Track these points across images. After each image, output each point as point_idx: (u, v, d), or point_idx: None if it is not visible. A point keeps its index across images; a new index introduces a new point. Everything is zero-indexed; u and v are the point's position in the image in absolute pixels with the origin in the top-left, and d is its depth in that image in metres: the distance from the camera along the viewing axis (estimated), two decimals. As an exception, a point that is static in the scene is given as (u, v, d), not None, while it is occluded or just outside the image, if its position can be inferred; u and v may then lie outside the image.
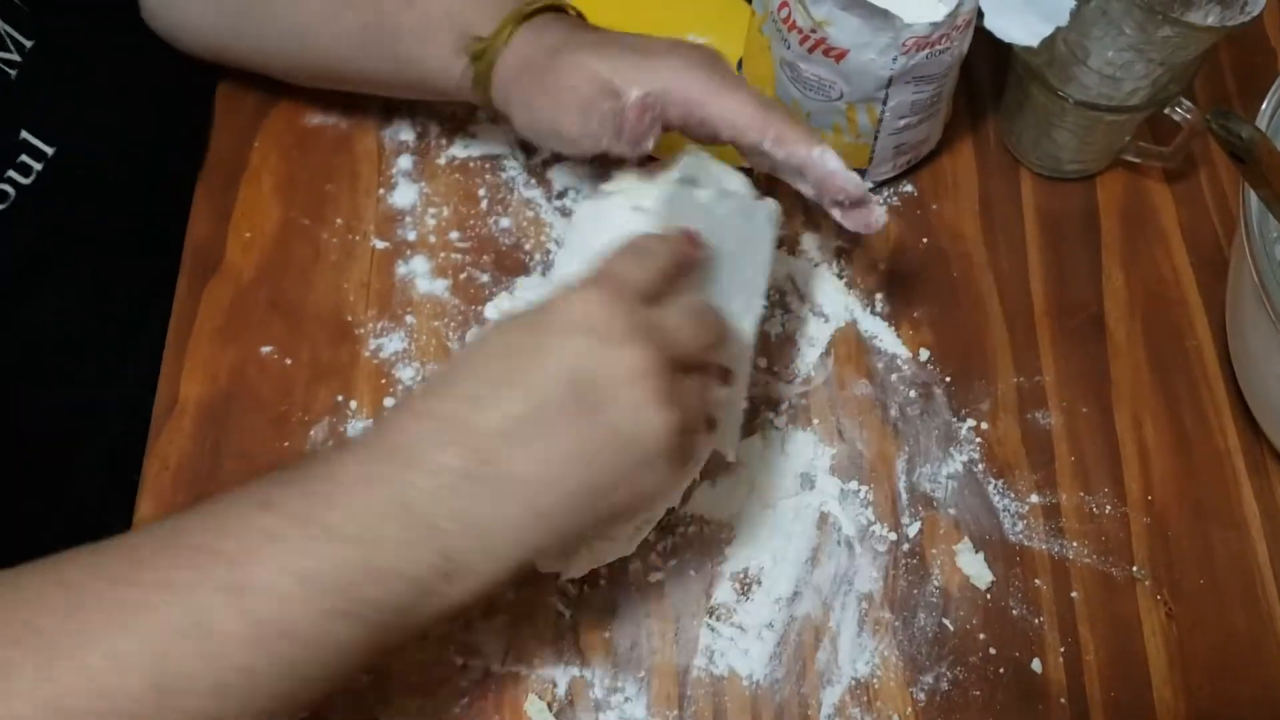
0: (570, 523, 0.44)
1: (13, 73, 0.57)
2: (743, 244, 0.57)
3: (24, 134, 0.58)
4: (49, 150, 0.58)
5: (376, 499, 0.41)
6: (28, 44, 0.57)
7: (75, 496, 0.67)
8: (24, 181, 0.58)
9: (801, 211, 0.72)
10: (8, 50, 0.56)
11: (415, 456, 0.42)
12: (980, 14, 0.61)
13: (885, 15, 0.59)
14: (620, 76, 0.55)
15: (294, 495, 0.42)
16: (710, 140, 0.57)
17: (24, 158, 0.58)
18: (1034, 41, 0.59)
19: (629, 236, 0.49)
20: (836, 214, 0.58)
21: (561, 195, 0.72)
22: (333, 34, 0.64)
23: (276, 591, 0.40)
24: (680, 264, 0.49)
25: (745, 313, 0.56)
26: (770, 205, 0.59)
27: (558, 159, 0.72)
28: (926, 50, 0.61)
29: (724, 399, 0.53)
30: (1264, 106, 0.60)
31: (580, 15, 0.62)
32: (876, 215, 0.57)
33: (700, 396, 0.48)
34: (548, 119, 0.57)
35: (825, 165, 0.55)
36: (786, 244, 0.71)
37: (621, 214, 0.54)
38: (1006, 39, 0.60)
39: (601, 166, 0.66)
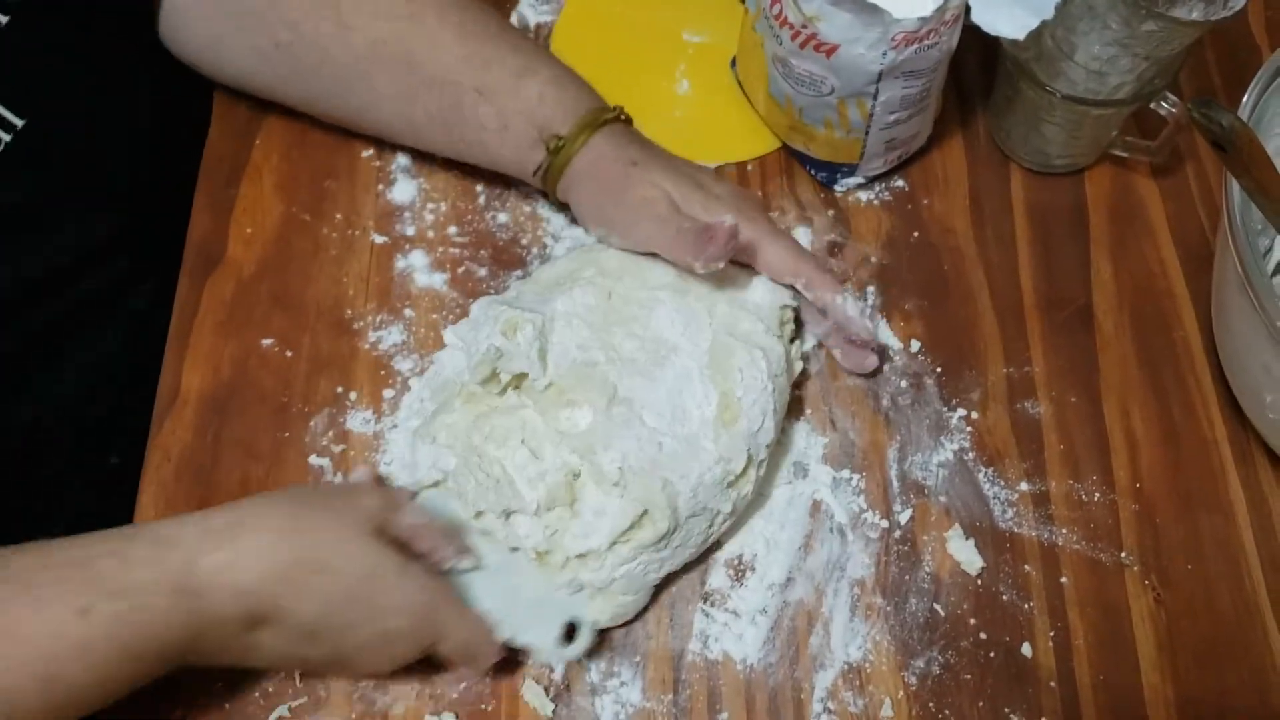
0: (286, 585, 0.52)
1: None
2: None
3: None
4: (19, 122, 0.59)
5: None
6: (3, 19, 0.58)
7: (75, 487, 0.68)
8: None
9: (795, 206, 0.73)
10: None
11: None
12: (968, 9, 0.62)
13: (875, 10, 0.60)
14: (688, 204, 0.63)
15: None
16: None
17: None
18: (1020, 34, 0.60)
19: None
20: (838, 352, 0.67)
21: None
22: (401, 115, 0.67)
23: None
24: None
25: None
26: None
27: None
28: (915, 45, 0.62)
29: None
30: (1245, 99, 0.61)
31: (630, 121, 0.68)
32: (870, 360, 0.66)
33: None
34: (620, 222, 0.64)
35: (845, 310, 0.64)
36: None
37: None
38: (994, 32, 0.61)
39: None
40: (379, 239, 0.71)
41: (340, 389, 0.66)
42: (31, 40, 0.60)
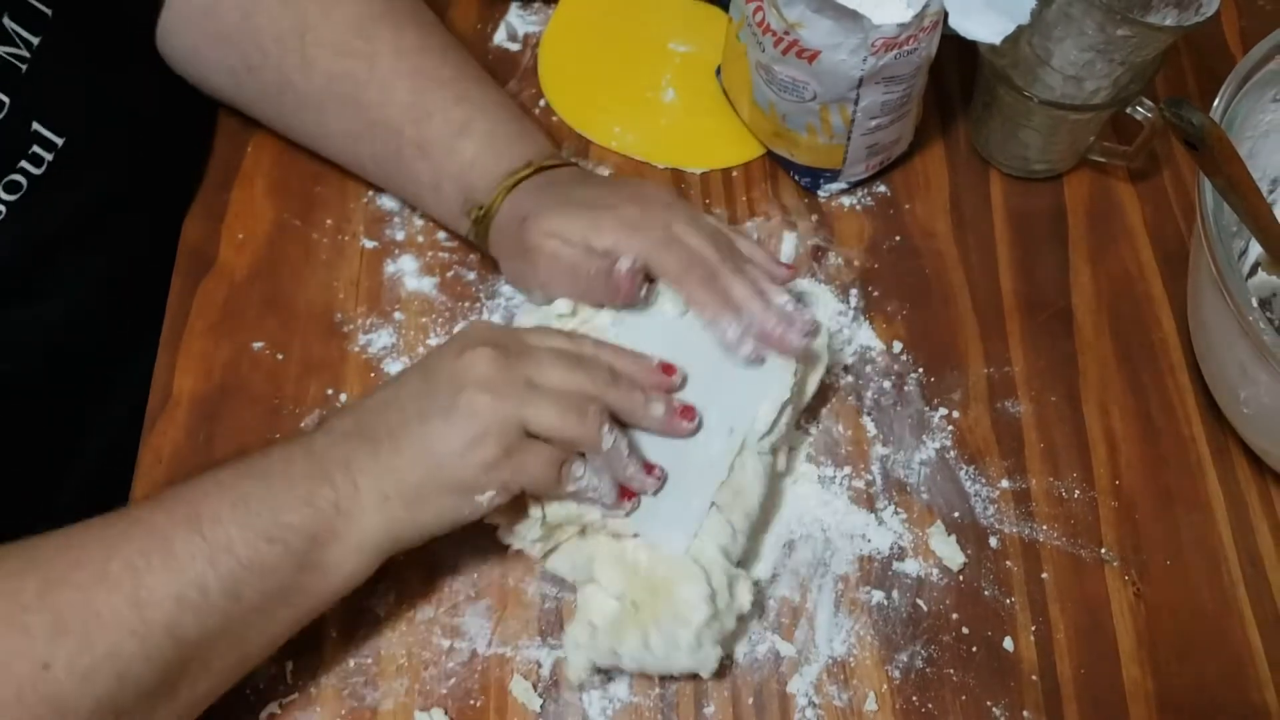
0: (413, 476, 0.53)
1: (23, 66, 0.59)
2: (722, 367, 0.61)
3: (35, 125, 0.60)
4: (59, 141, 0.60)
5: (292, 450, 0.54)
6: (35, 40, 0.59)
7: (75, 486, 0.68)
8: (35, 172, 0.60)
9: (779, 211, 0.74)
10: (16, 46, 0.58)
11: (323, 426, 0.56)
12: (946, 15, 0.63)
13: (855, 16, 0.61)
14: (597, 236, 0.60)
15: (239, 461, 0.54)
16: None
17: (35, 148, 0.60)
18: (997, 39, 0.62)
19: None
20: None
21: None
22: (351, 153, 0.69)
23: (220, 517, 0.51)
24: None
25: (719, 430, 0.59)
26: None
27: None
28: (895, 51, 0.63)
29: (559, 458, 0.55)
30: (1216, 102, 0.62)
31: (567, 163, 0.67)
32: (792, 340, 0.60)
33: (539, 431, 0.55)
34: (535, 280, 0.63)
35: (726, 337, 0.60)
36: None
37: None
38: (971, 37, 0.62)
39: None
40: (369, 244, 0.72)
41: (330, 390, 0.67)
42: (66, 58, 0.61)
